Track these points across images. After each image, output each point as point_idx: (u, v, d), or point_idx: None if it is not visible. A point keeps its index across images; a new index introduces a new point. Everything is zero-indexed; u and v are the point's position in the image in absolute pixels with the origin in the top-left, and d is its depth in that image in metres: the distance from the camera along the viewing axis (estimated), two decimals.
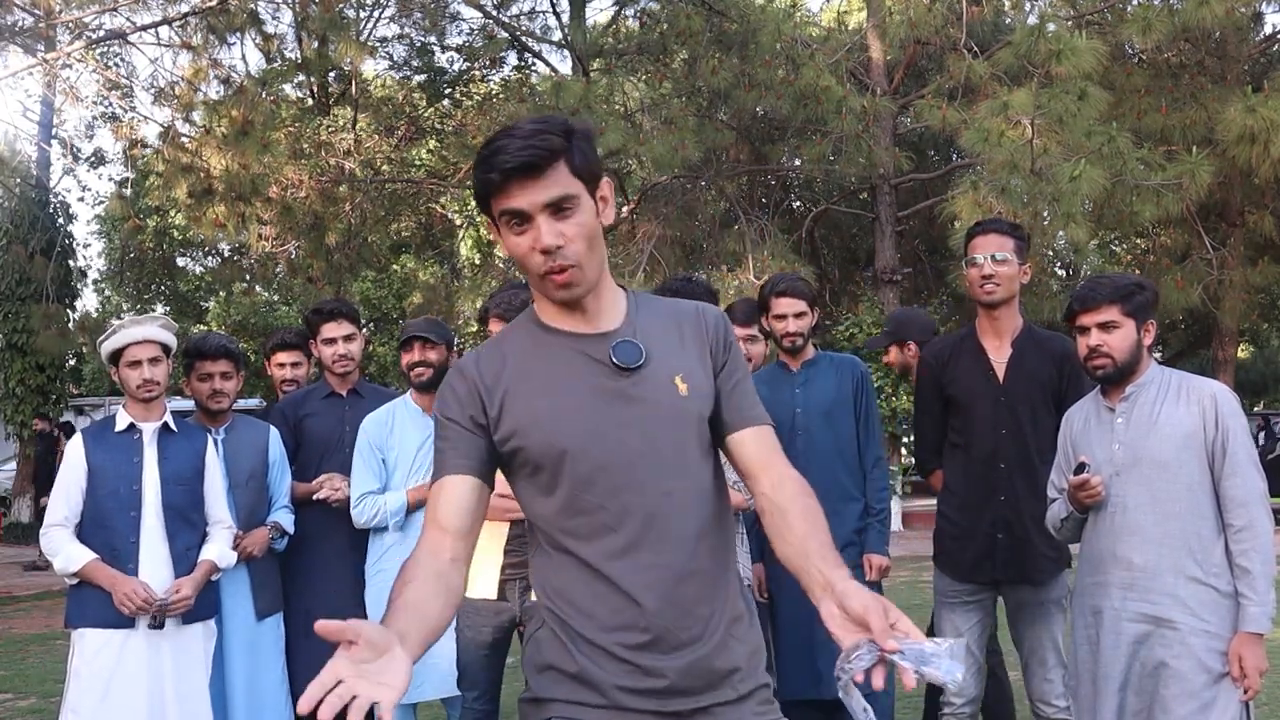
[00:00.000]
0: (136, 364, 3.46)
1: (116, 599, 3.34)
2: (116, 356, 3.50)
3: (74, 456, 3.48)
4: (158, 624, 3.38)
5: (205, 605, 3.55)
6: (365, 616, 3.85)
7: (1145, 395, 2.87)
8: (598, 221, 1.74)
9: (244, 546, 3.72)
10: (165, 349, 3.53)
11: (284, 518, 3.91)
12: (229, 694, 3.72)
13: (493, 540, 3.45)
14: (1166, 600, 2.76)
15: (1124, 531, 2.83)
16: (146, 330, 3.49)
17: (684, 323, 1.86)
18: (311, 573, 3.97)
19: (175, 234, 20.23)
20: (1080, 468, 2.88)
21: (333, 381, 4.14)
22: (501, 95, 17.98)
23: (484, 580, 3.44)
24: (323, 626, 1.35)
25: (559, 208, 1.68)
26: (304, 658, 3.87)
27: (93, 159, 21.31)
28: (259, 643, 3.80)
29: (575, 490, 1.73)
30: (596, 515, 1.73)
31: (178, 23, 12.15)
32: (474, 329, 16.96)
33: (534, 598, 1.85)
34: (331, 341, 4.08)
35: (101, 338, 3.53)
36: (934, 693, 4.08)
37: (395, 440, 3.82)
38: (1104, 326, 2.86)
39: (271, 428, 3.98)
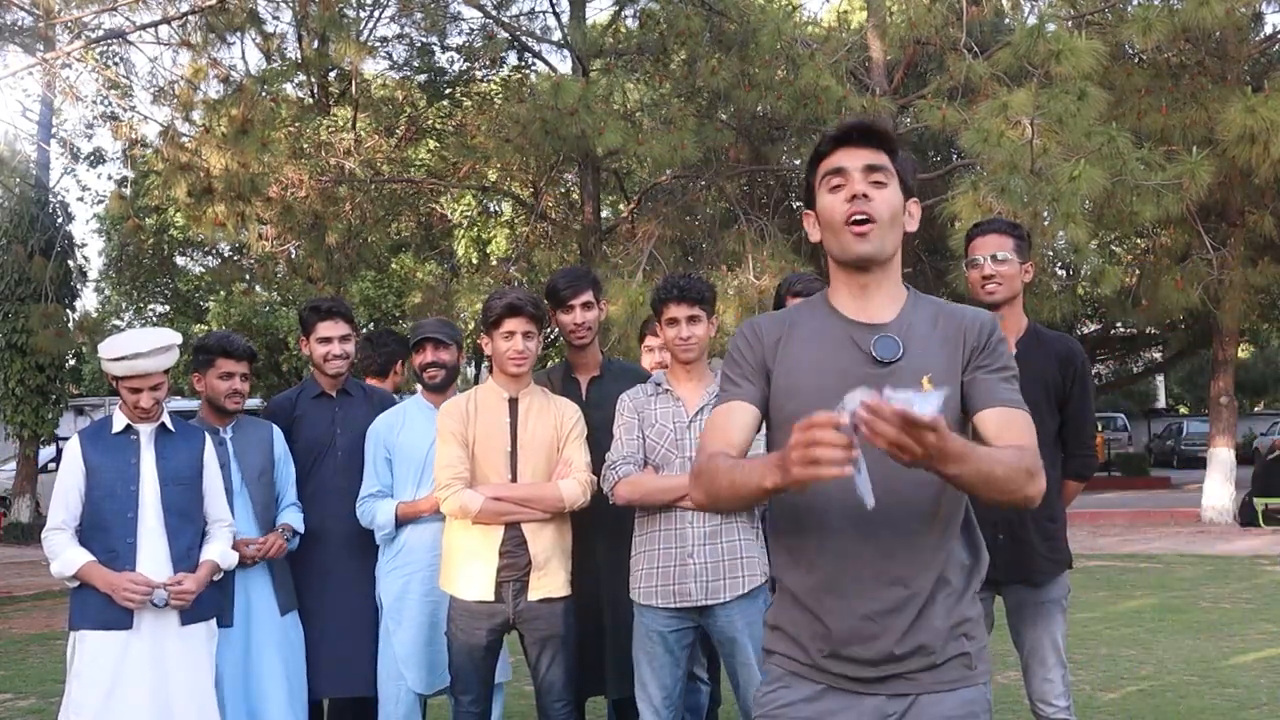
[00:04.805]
0: (138, 390, 3.44)
1: (118, 599, 3.34)
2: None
3: (71, 458, 3.46)
4: (164, 602, 3.37)
5: (208, 605, 3.54)
6: (378, 613, 3.84)
7: None
8: (903, 214, 1.97)
9: (264, 551, 3.72)
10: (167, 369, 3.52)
11: (292, 516, 3.90)
12: (260, 690, 3.70)
13: (487, 542, 3.43)
14: None
15: None
16: (156, 361, 3.43)
17: (948, 325, 2.00)
18: (311, 571, 3.95)
19: (175, 233, 20.19)
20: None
21: (323, 382, 4.09)
22: (501, 95, 17.95)
23: (479, 582, 3.42)
24: None
25: (874, 169, 1.93)
26: (312, 656, 3.86)
27: (92, 158, 21.29)
28: (288, 637, 3.80)
29: None
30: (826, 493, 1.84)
31: (177, 22, 12.14)
32: (473, 328, 16.92)
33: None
34: (327, 340, 4.04)
35: (106, 349, 3.45)
36: None
37: (403, 440, 3.81)
38: None
39: (273, 425, 3.97)
